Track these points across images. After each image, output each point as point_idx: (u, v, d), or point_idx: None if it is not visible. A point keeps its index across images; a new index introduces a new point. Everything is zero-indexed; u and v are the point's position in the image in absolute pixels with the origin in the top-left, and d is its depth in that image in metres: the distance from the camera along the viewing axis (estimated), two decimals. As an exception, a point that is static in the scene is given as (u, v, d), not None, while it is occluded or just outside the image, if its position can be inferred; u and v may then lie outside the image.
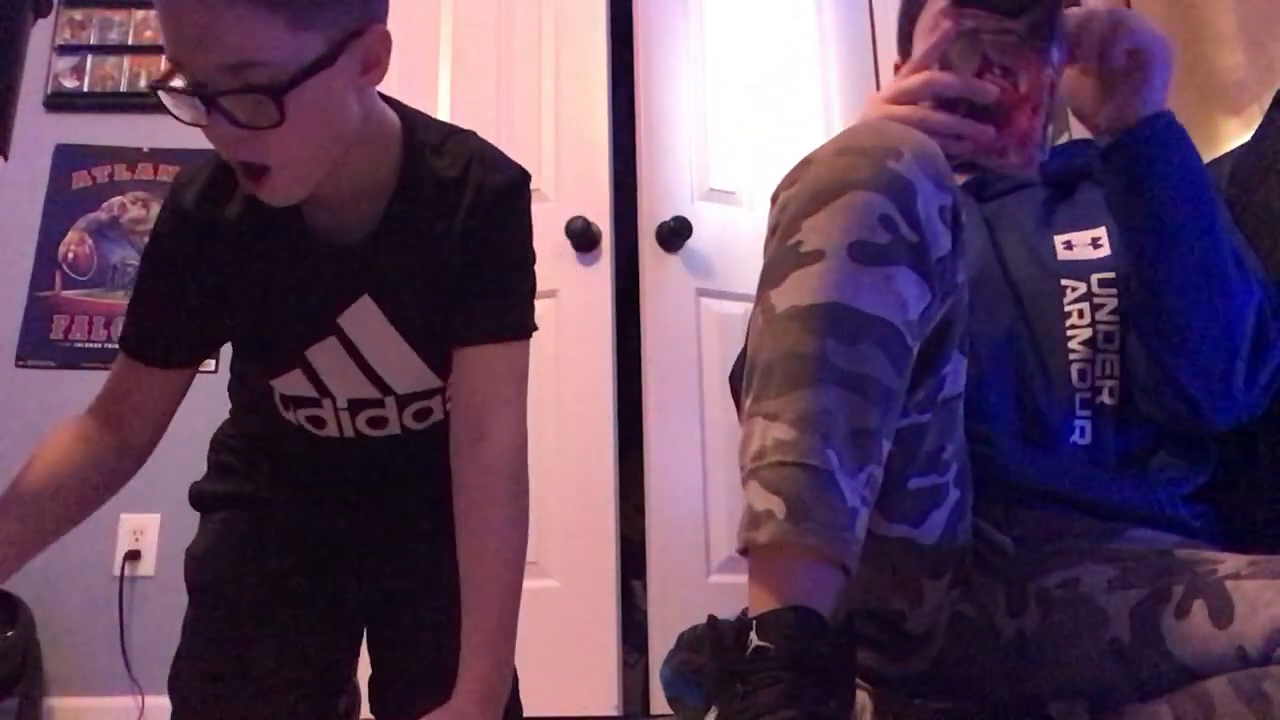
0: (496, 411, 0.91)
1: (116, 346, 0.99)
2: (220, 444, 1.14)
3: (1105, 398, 0.94)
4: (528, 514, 0.92)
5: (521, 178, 0.96)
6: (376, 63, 0.85)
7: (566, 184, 2.29)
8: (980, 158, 0.80)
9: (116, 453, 0.95)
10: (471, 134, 0.97)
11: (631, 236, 2.28)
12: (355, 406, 0.98)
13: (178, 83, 0.76)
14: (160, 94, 0.77)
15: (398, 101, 0.96)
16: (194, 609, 1.03)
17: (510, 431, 0.91)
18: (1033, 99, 0.80)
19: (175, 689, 1.01)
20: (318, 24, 0.77)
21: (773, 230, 0.76)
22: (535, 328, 0.97)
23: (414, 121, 0.95)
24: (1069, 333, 0.95)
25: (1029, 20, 0.82)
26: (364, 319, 0.94)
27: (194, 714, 0.98)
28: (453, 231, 0.92)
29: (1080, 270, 0.97)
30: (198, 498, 1.10)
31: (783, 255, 0.72)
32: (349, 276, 0.93)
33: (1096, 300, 0.95)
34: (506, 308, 0.94)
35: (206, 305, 0.94)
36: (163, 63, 0.77)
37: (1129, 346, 0.94)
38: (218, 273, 0.93)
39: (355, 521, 1.08)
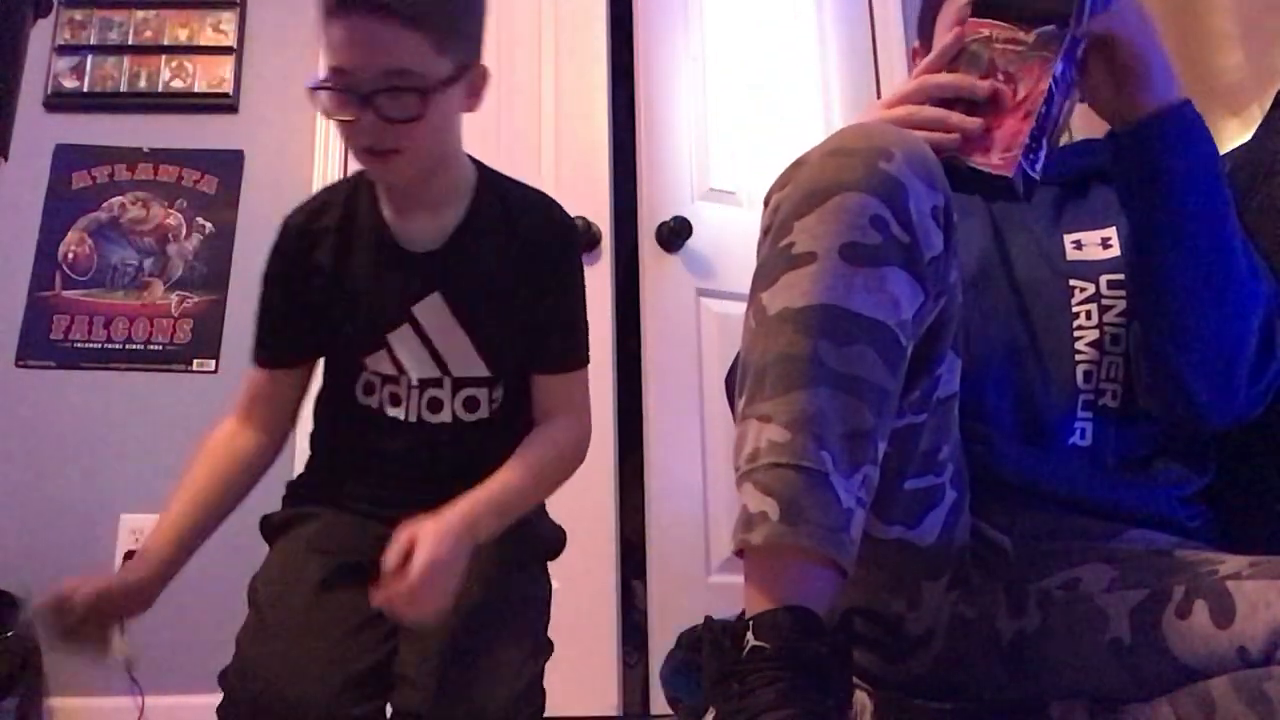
0: (564, 412, 1.17)
1: (117, 347, 1.03)
2: (292, 484, 1.26)
3: (1108, 400, 0.94)
4: (572, 465, 1.16)
5: (579, 229, 1.21)
6: (478, 91, 1.08)
7: (566, 184, 2.28)
8: (963, 155, 0.80)
9: (264, 447, 1.17)
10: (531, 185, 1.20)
11: (631, 236, 2.28)
12: (422, 385, 1.15)
13: (334, 84, 0.99)
14: (319, 93, 1.01)
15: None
16: (252, 617, 1.10)
17: (575, 418, 1.18)
18: (1027, 105, 0.80)
19: (226, 689, 1.05)
20: (450, 51, 1.00)
21: (765, 232, 0.76)
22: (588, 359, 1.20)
23: (482, 166, 1.17)
24: (1076, 334, 0.95)
25: (1041, 34, 0.82)
26: (433, 312, 1.13)
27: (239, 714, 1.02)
28: (517, 250, 1.13)
29: (1089, 271, 0.97)
30: (266, 528, 1.22)
31: (775, 257, 0.73)
32: (423, 277, 1.13)
33: (1105, 302, 0.95)
34: (574, 344, 1.18)
35: (314, 307, 1.15)
36: (320, 69, 1.02)
37: (1131, 341, 0.94)
38: (319, 276, 1.14)
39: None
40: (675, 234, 2.21)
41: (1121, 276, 0.96)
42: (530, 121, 2.33)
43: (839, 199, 0.71)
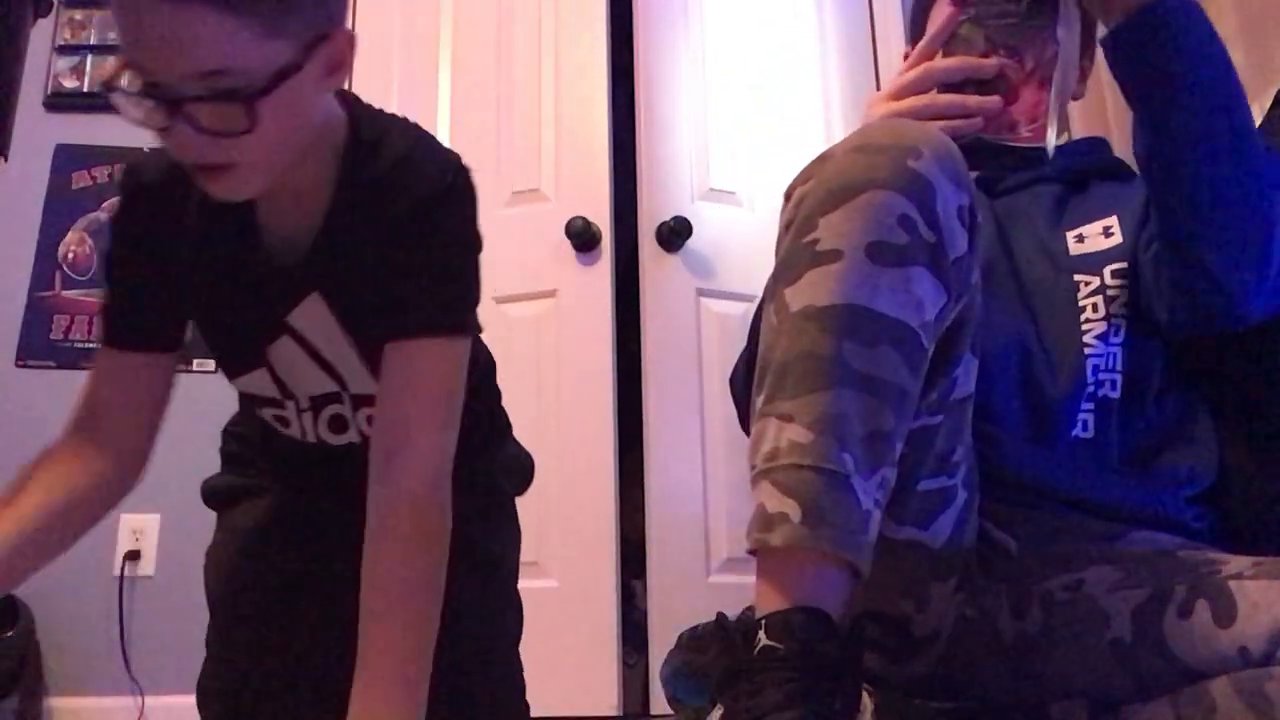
0: (415, 423, 0.84)
1: None
2: (228, 431, 1.12)
3: (1108, 390, 0.94)
4: (441, 545, 0.83)
5: (449, 180, 0.89)
6: (340, 65, 0.82)
7: (566, 184, 2.29)
8: (989, 135, 0.80)
9: (112, 468, 0.91)
10: (410, 128, 0.92)
11: (631, 236, 2.28)
12: (317, 404, 0.95)
13: (133, 85, 0.73)
14: (113, 96, 0.74)
15: (345, 93, 0.92)
16: (212, 623, 1.02)
17: (427, 450, 0.84)
18: (1039, 73, 0.80)
19: (200, 705, 1.00)
20: (288, 31, 0.75)
21: (787, 226, 0.75)
22: (472, 327, 0.90)
23: (358, 117, 0.91)
24: (1084, 327, 0.95)
25: (1028, 1, 0.82)
26: (313, 316, 0.91)
27: None
28: (385, 238, 0.88)
29: (1093, 263, 0.97)
30: (210, 495, 1.08)
31: (798, 252, 0.72)
32: (297, 277, 0.90)
33: (1110, 292, 0.95)
34: (434, 301, 0.87)
35: (171, 286, 0.92)
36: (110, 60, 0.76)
37: (1141, 264, 0.92)
38: (176, 263, 0.91)
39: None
40: (675, 234, 2.21)
41: (1124, 265, 0.95)
42: (530, 121, 2.33)
43: (867, 196, 0.70)
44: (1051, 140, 0.81)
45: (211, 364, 2.13)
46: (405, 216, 0.87)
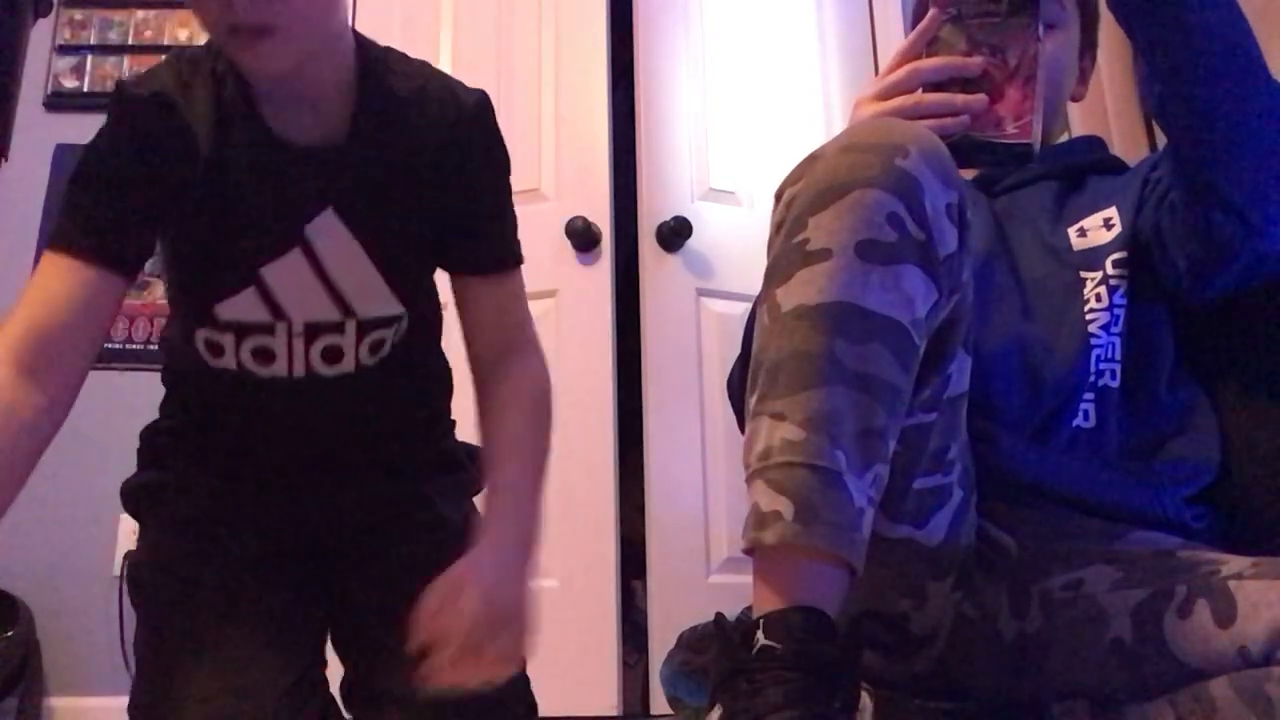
0: (518, 351, 0.96)
1: (117, 347, 0.98)
2: (150, 432, 1.05)
3: (1108, 380, 0.94)
4: (550, 431, 0.95)
5: (486, 97, 0.96)
6: None
7: (566, 184, 2.29)
8: (977, 132, 0.81)
9: (45, 412, 0.81)
10: (419, 61, 0.97)
11: (631, 236, 2.28)
12: (312, 332, 0.92)
13: None
14: None
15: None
16: (145, 633, 0.92)
17: (535, 369, 0.96)
18: (1023, 71, 0.81)
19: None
20: None
21: (778, 227, 0.75)
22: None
23: (364, 42, 0.94)
24: (1089, 317, 0.95)
25: (1009, 1, 0.83)
26: (329, 232, 0.90)
27: None
28: (423, 148, 0.92)
29: (1096, 258, 0.97)
30: (130, 498, 1.01)
31: (789, 253, 0.72)
32: (314, 185, 0.89)
33: (1112, 282, 0.95)
34: (507, 236, 0.98)
35: (152, 205, 0.87)
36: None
37: (1149, 229, 0.93)
38: (169, 177, 0.86)
39: (307, 511, 0.99)
40: (675, 234, 2.21)
41: (1125, 254, 0.96)
42: (530, 121, 2.33)
43: (855, 195, 0.71)
44: (1037, 136, 0.82)
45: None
46: (440, 144, 0.91)
